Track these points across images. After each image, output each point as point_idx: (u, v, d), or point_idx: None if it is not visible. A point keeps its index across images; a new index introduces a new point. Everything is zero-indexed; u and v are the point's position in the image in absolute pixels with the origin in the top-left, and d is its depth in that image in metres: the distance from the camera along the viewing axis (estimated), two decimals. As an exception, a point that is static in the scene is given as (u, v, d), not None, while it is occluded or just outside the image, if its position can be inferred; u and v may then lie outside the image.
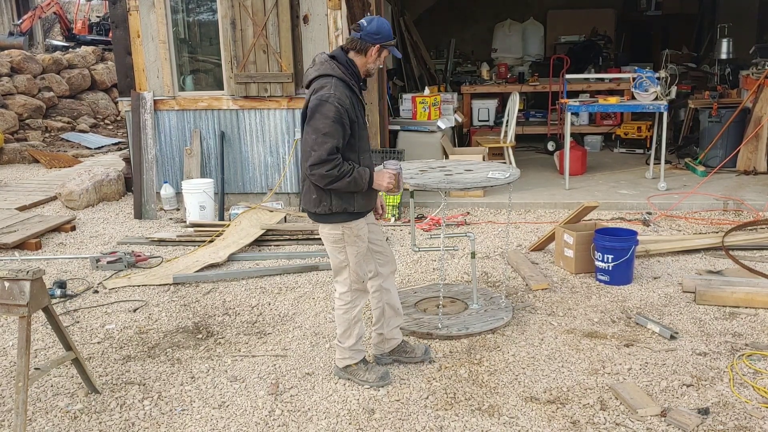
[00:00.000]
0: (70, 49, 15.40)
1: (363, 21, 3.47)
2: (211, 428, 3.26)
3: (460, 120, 9.30)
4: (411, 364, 3.82)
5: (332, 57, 3.47)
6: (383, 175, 3.50)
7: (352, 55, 3.45)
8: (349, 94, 3.37)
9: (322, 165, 3.28)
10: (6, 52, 12.91)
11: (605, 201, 6.91)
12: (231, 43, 7.02)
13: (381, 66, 3.75)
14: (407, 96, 8.42)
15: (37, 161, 10.65)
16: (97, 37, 17.44)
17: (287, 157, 7.30)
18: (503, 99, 10.05)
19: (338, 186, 3.34)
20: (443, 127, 8.08)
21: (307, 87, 3.47)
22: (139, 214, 7.30)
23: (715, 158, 8.06)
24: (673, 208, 6.71)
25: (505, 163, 7.80)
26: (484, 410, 3.32)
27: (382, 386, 3.60)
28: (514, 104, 8.07)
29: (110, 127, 13.72)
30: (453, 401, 3.41)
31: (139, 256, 5.74)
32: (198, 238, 6.25)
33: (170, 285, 5.20)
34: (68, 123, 12.84)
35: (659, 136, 7.58)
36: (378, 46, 3.44)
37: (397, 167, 3.51)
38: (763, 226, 6.00)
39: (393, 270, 3.78)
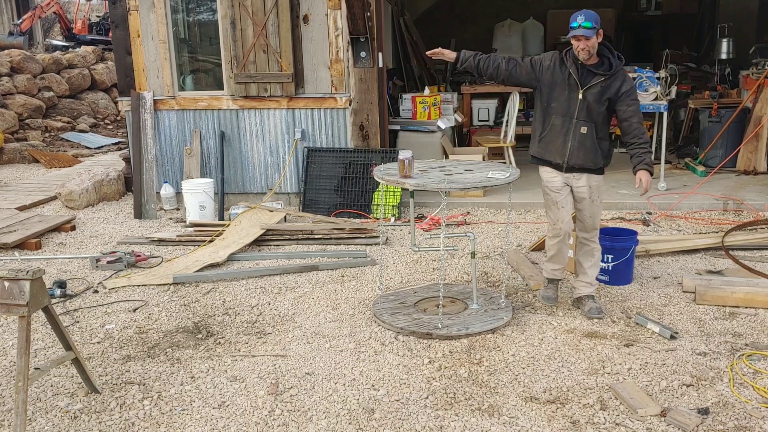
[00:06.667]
0: (70, 49, 15.38)
1: None
2: (211, 428, 3.26)
3: (460, 120, 9.29)
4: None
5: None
6: None
7: None
8: None
9: None
10: (6, 51, 12.90)
11: (605, 201, 6.86)
12: (231, 43, 7.02)
13: (579, 50, 4.11)
14: (407, 96, 8.40)
15: (37, 161, 10.65)
16: (97, 37, 17.44)
17: (287, 157, 7.30)
18: (503, 99, 10.03)
19: None
20: (443, 127, 8.07)
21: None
22: (139, 213, 7.30)
23: (715, 158, 8.05)
24: (673, 208, 6.71)
25: (505, 163, 7.80)
26: (484, 410, 3.32)
27: None
28: (514, 104, 8.06)
29: (110, 127, 13.72)
30: (453, 401, 3.41)
31: (139, 255, 5.74)
32: (198, 238, 6.25)
33: (170, 285, 5.20)
34: (68, 123, 12.83)
35: (659, 136, 7.58)
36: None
37: (408, 154, 4.20)
38: (763, 226, 6.00)
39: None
